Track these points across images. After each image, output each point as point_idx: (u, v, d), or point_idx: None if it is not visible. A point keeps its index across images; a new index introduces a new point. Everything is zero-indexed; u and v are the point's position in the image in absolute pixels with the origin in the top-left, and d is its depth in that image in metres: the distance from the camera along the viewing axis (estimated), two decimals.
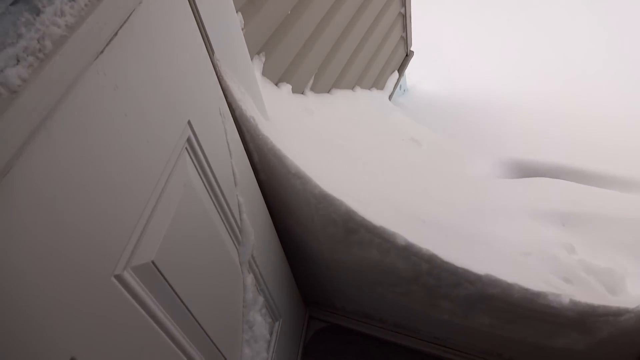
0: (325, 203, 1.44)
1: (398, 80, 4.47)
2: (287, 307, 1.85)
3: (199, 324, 1.09)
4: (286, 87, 2.13)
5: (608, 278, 1.63)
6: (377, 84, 3.94)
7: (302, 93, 2.35)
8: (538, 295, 1.51)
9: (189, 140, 1.03)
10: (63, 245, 0.67)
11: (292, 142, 1.44)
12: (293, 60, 2.21)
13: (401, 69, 4.56)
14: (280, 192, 1.49)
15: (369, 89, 3.70)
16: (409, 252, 1.54)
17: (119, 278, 0.83)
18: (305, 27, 2.31)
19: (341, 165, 1.74)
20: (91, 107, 0.71)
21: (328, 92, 2.74)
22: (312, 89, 2.46)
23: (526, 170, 2.80)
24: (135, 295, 0.87)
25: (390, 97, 4.25)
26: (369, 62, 3.51)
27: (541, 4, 5.18)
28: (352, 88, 3.20)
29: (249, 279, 1.45)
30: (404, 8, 4.09)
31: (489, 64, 4.60)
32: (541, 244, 1.71)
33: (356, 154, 2.09)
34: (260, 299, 1.58)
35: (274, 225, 1.64)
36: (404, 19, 4.21)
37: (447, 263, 1.52)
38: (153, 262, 0.91)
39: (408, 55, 4.72)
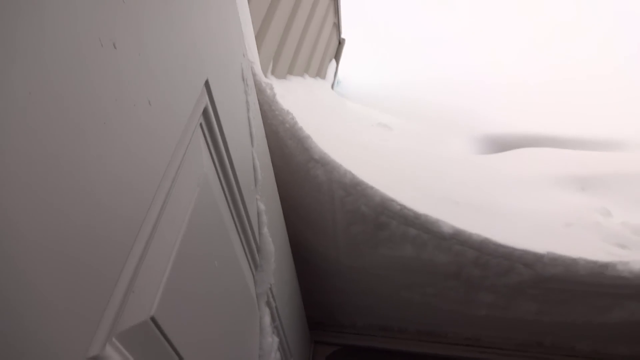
0: (356, 194, 1.11)
1: (336, 69, 4.24)
2: (297, 342, 1.49)
3: None
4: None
5: None
6: (320, 72, 3.67)
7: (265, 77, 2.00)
8: (607, 266, 1.30)
9: (205, 113, 0.65)
10: None
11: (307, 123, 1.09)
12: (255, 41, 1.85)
13: (337, 57, 4.34)
14: (293, 189, 1.13)
15: (314, 78, 3.42)
16: (454, 241, 1.26)
17: None
18: (260, 4, 1.96)
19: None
20: None
21: (285, 77, 2.41)
22: (273, 73, 2.11)
23: (503, 144, 2.66)
24: None
25: (332, 87, 4.00)
26: (312, 48, 3.23)
27: None
28: (302, 75, 2.89)
29: (266, 317, 1.07)
30: None
31: (422, 48, 4.50)
32: (576, 212, 1.52)
33: (339, 141, 1.77)
34: (276, 341, 1.21)
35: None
36: (335, 3, 3.99)
37: (502, 247, 1.25)
38: (153, 319, 0.53)
39: (341, 43, 4.51)
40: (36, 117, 0.34)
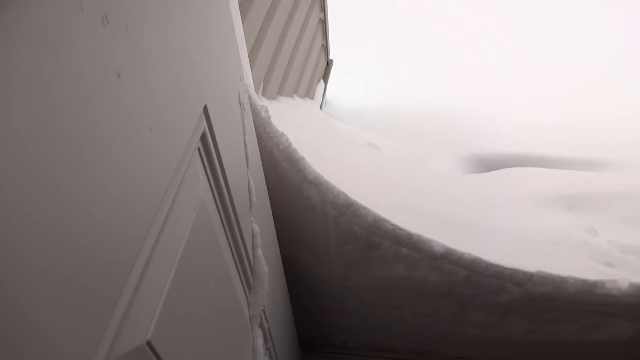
0: (349, 214, 1.12)
1: (324, 89, 4.28)
2: None
3: None
4: None
5: None
6: (309, 93, 3.71)
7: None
8: (595, 285, 1.32)
9: (203, 137, 0.66)
10: None
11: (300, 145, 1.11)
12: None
13: (325, 77, 4.38)
14: (287, 210, 1.14)
15: (303, 98, 3.46)
16: (446, 261, 1.27)
17: None
18: (251, 27, 1.99)
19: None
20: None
21: (275, 98, 2.43)
22: (264, 94, 2.13)
23: (491, 164, 2.69)
24: None
25: (321, 107, 4.04)
26: (301, 69, 3.27)
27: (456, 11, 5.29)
28: (292, 96, 2.92)
29: (259, 339, 1.07)
30: (323, 13, 3.93)
31: (411, 70, 4.56)
32: (564, 231, 1.54)
33: (330, 161, 1.79)
34: None
35: None
36: (324, 25, 4.05)
37: (493, 265, 1.26)
38: (149, 343, 0.53)
39: (329, 64, 4.57)
40: (43, 145, 0.34)
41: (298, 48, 2.95)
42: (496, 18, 4.79)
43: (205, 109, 0.66)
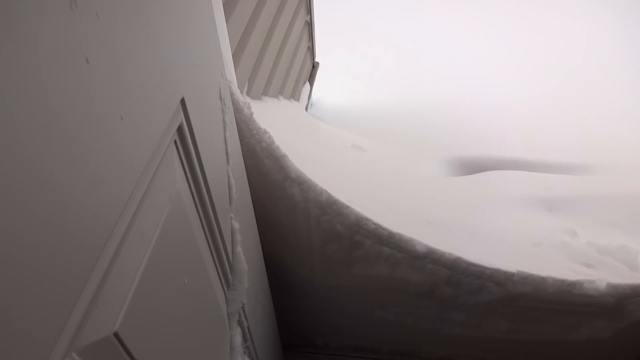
0: (332, 213, 1.12)
1: (310, 91, 4.29)
2: None
3: None
4: None
5: (625, 256, 1.51)
6: (294, 94, 3.71)
7: None
8: (574, 285, 1.33)
9: (180, 130, 0.66)
10: None
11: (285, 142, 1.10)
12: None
13: (311, 80, 4.39)
14: (269, 208, 1.13)
15: (289, 100, 3.45)
16: (428, 260, 1.28)
17: None
18: (236, 27, 1.98)
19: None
20: None
21: (260, 99, 2.42)
22: (248, 94, 2.12)
23: (473, 167, 2.71)
24: None
25: (306, 109, 4.04)
26: (287, 71, 3.27)
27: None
28: (277, 97, 2.92)
29: (237, 337, 1.06)
30: (309, 16, 3.94)
31: (397, 74, 4.59)
32: (544, 232, 1.56)
33: (314, 162, 1.78)
34: None
35: None
36: (310, 27, 4.06)
37: (474, 265, 1.27)
38: (116, 335, 0.52)
39: (315, 66, 4.57)
40: (6, 128, 0.34)
41: (284, 49, 2.95)
42: (482, 21, 4.84)
43: (182, 101, 0.65)
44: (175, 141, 0.66)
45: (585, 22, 4.60)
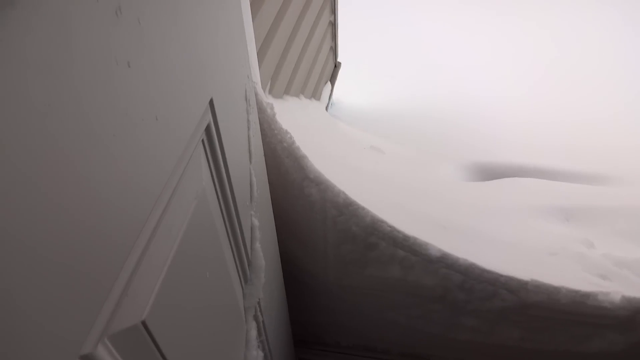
0: (348, 214, 1.14)
1: (331, 91, 4.31)
2: (282, 358, 1.49)
3: None
4: None
5: None
6: (315, 94, 3.73)
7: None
8: (588, 296, 1.33)
9: (207, 130, 0.68)
10: None
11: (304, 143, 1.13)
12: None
13: (332, 79, 4.40)
14: (286, 207, 1.16)
15: (309, 99, 3.48)
16: (441, 265, 1.29)
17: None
18: (262, 26, 2.01)
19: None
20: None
21: (282, 97, 2.45)
22: (270, 92, 2.15)
23: (490, 173, 2.71)
24: None
25: (326, 109, 4.06)
26: (309, 70, 3.29)
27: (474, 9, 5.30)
28: (298, 96, 2.94)
29: (253, 330, 1.09)
30: (333, 16, 3.96)
31: (418, 75, 4.58)
32: (560, 242, 1.56)
33: (332, 161, 1.80)
34: (261, 356, 1.22)
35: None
36: (333, 27, 4.08)
37: (488, 272, 1.28)
38: (144, 323, 0.55)
39: (336, 66, 4.59)
40: (53, 125, 0.36)
41: (307, 49, 2.97)
42: (507, 26, 4.81)
43: (211, 102, 0.68)
44: (202, 140, 0.69)
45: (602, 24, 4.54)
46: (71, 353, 0.44)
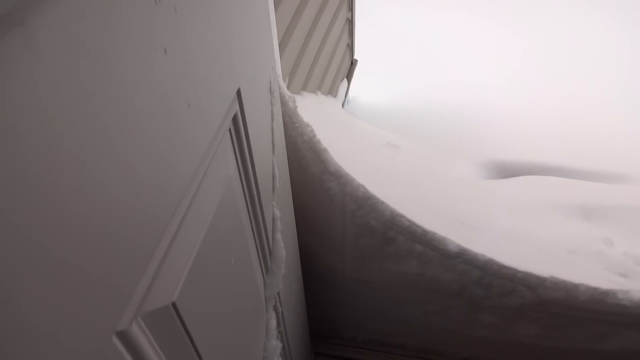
0: (367, 208, 1.15)
1: (347, 88, 4.31)
2: (299, 350, 1.51)
3: None
4: None
5: None
6: (332, 90, 3.74)
7: None
8: (607, 294, 1.32)
9: (234, 119, 0.70)
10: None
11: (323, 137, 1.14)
12: None
13: (349, 77, 4.41)
14: (306, 200, 1.17)
15: (326, 95, 3.49)
16: (459, 260, 1.29)
17: (124, 336, 0.48)
18: (281, 22, 2.02)
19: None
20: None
21: (299, 93, 2.47)
22: (288, 88, 2.17)
23: (507, 170, 2.69)
24: (141, 358, 0.53)
25: (343, 105, 4.06)
26: (326, 67, 3.30)
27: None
28: (315, 92, 2.95)
29: (272, 320, 1.11)
30: (350, 13, 3.96)
31: (433, 73, 4.57)
32: (579, 240, 1.55)
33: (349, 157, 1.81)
34: (279, 346, 1.23)
35: None
36: (351, 24, 4.08)
37: (506, 268, 1.28)
38: (174, 305, 0.57)
39: (353, 63, 4.59)
40: (100, 104, 0.38)
41: (324, 45, 2.98)
42: (523, 24, 4.76)
43: (238, 92, 0.69)
44: (230, 129, 0.70)
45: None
46: (108, 329, 0.45)
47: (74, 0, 0.35)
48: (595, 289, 1.31)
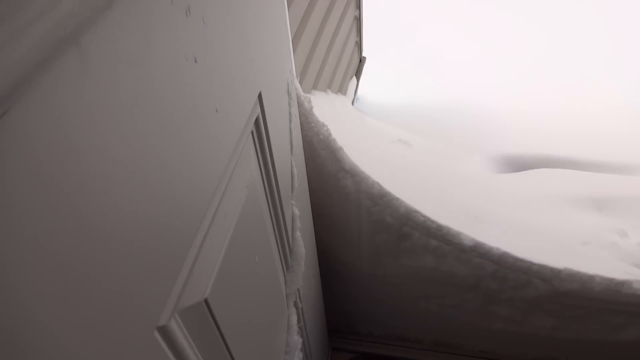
0: (382, 204, 1.17)
1: (357, 86, 4.32)
2: (317, 346, 1.53)
3: None
4: None
5: None
6: (341, 88, 3.76)
7: None
8: (623, 284, 1.33)
9: (256, 122, 0.72)
10: (84, 287, 0.36)
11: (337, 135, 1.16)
12: None
13: (358, 74, 4.42)
14: (322, 198, 1.19)
15: (336, 94, 3.51)
16: (474, 254, 1.31)
17: (164, 331, 0.51)
18: (291, 23, 2.05)
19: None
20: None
21: (310, 92, 2.49)
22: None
23: (518, 164, 2.69)
24: (178, 352, 0.56)
25: (352, 103, 4.08)
26: (336, 65, 3.32)
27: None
28: (325, 91, 2.98)
29: (293, 316, 1.13)
30: (358, 11, 3.97)
31: (442, 69, 4.56)
32: (593, 232, 1.55)
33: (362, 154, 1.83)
34: (300, 342, 1.26)
35: None
36: (358, 22, 4.09)
37: (521, 260, 1.29)
38: (206, 301, 0.59)
39: (361, 61, 4.60)
40: (140, 112, 0.41)
41: (333, 44, 3.00)
42: (532, 20, 4.74)
43: (260, 96, 0.72)
44: (252, 132, 0.73)
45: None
46: (150, 324, 0.48)
47: (119, 17, 0.37)
48: (610, 280, 1.32)
